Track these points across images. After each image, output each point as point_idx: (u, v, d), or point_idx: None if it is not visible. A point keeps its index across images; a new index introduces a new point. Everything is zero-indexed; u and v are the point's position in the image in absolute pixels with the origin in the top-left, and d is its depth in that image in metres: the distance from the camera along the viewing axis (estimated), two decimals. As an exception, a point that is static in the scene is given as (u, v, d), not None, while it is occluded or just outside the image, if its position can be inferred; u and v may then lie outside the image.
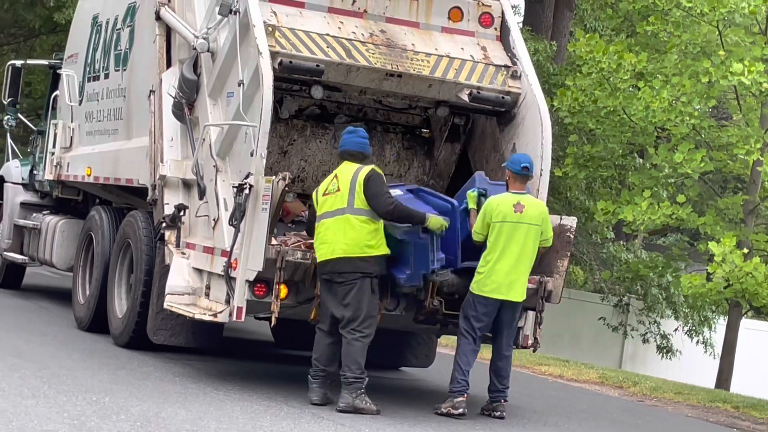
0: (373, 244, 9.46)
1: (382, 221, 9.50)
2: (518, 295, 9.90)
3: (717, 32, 18.97)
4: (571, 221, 10.51)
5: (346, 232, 9.46)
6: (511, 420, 10.15)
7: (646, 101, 18.27)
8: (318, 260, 9.56)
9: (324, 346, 9.64)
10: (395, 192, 9.83)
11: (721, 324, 25.25)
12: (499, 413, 10.04)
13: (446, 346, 14.53)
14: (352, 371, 9.36)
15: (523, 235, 9.90)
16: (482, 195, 10.16)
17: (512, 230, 9.89)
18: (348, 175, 9.60)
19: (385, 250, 9.50)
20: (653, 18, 19.41)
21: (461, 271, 9.99)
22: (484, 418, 10.05)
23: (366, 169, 9.57)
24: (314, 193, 9.85)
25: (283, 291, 9.68)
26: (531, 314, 10.55)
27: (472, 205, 10.07)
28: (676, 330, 27.25)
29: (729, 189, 29.07)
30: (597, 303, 27.52)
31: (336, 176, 9.70)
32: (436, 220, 9.50)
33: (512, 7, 12.35)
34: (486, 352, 10.35)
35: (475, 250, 9.99)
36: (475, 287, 9.87)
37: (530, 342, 10.66)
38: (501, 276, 9.82)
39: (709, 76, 17.76)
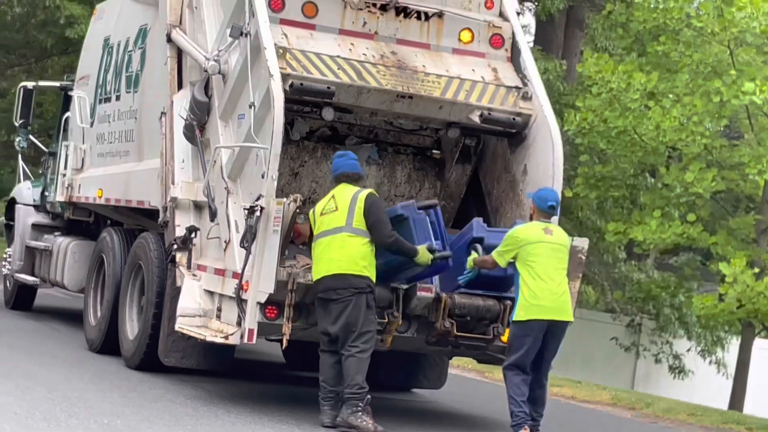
0: (367, 263, 9.48)
1: None
2: (567, 314, 9.79)
3: (728, 52, 18.96)
4: (582, 243, 10.49)
5: (342, 250, 9.48)
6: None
7: (656, 121, 18.26)
8: (314, 278, 9.56)
9: (328, 366, 9.61)
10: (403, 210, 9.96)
11: (734, 344, 25.18)
12: None
13: (458, 367, 14.48)
14: (349, 387, 9.34)
15: (558, 256, 9.86)
16: (477, 242, 10.18)
17: (548, 251, 9.80)
18: (347, 195, 9.64)
19: (373, 275, 9.52)
20: (664, 38, 19.41)
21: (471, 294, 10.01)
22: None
23: (365, 191, 9.65)
24: (311, 213, 9.87)
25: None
26: (542, 335, 10.50)
27: (470, 265, 10.09)
28: (688, 350, 27.17)
29: (741, 208, 28.98)
30: (609, 323, 27.45)
31: (333, 197, 9.74)
32: (424, 254, 9.53)
33: (523, 26, 12.37)
34: (488, 370, 10.29)
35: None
36: (521, 314, 9.67)
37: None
38: (547, 297, 9.68)
39: (721, 95, 17.74)
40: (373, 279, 9.50)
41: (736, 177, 19.20)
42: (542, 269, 9.72)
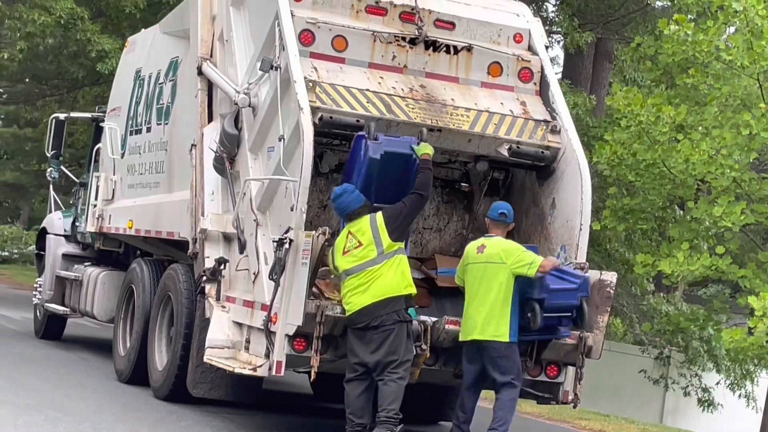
0: (408, 282, 9.62)
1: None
2: (490, 334, 9.82)
3: (758, 84, 18.91)
4: (611, 277, 10.47)
5: (382, 280, 9.54)
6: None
7: (685, 154, 18.22)
8: (350, 312, 9.57)
9: (354, 397, 9.62)
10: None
11: (763, 377, 25.02)
12: None
13: (485, 399, 14.45)
14: (386, 411, 9.38)
15: (484, 274, 9.94)
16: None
17: (475, 271, 10.01)
18: (365, 226, 9.72)
19: (414, 289, 9.66)
20: (693, 70, 19.37)
21: None
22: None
23: (377, 214, 9.76)
24: (330, 255, 9.83)
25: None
26: (571, 370, 10.52)
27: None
28: (717, 383, 26.99)
29: (771, 241, 28.85)
30: (637, 355, 27.32)
31: (350, 233, 9.78)
32: (424, 146, 9.92)
33: (551, 59, 12.39)
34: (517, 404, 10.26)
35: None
36: (460, 336, 9.96)
37: (570, 398, 10.61)
38: (472, 317, 9.89)
39: (750, 128, 17.69)
40: (414, 293, 9.65)
41: (765, 210, 19.10)
42: (468, 290, 10.01)
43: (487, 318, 9.82)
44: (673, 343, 26.38)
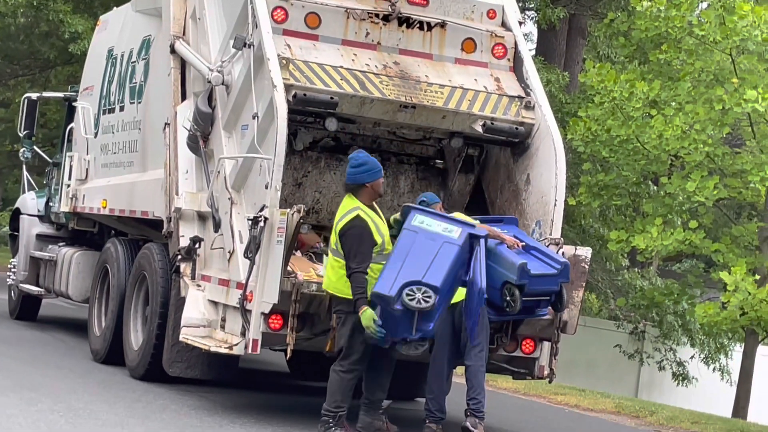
0: (347, 289, 9.29)
1: None
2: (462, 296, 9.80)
3: (730, 60, 18.97)
4: (585, 252, 10.52)
5: (329, 270, 9.49)
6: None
7: (659, 129, 18.28)
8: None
9: (365, 377, 9.65)
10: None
11: (737, 351, 25.15)
12: None
13: (462, 375, 14.48)
14: (327, 403, 9.35)
15: None
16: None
17: None
18: (339, 214, 9.51)
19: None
20: (666, 46, 19.43)
21: None
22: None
23: (348, 218, 9.31)
24: (375, 230, 9.58)
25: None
26: (546, 345, 10.57)
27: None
28: (692, 357, 27.14)
29: (744, 216, 28.99)
30: (612, 330, 27.44)
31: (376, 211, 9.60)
32: (366, 318, 9.04)
33: (524, 35, 12.40)
34: (492, 378, 10.32)
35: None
36: None
37: (546, 373, 10.65)
38: None
39: (723, 103, 17.76)
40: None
41: (738, 185, 19.20)
42: None
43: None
44: (648, 317, 26.52)
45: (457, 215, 9.77)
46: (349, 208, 9.41)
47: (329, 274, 9.45)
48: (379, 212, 9.55)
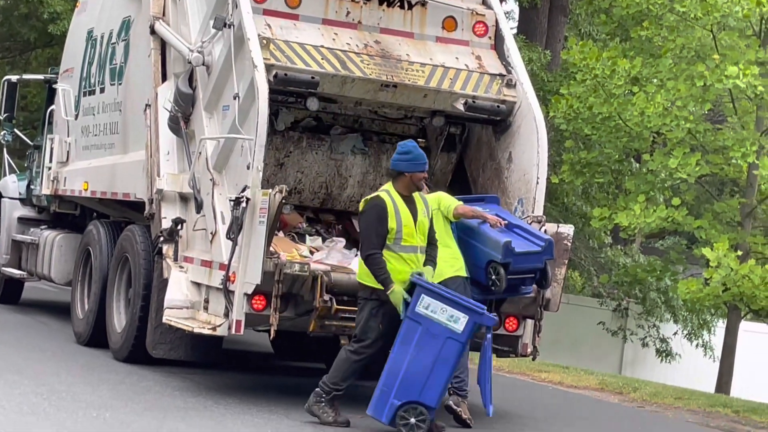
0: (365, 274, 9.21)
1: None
2: (453, 272, 9.90)
3: (711, 36, 19.02)
4: (568, 229, 10.53)
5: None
6: (512, 428, 10.14)
7: (641, 106, 18.31)
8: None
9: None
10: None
11: (720, 327, 25.27)
12: None
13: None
14: (327, 377, 9.32)
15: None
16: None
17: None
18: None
19: (378, 285, 9.14)
20: (647, 23, 19.45)
21: None
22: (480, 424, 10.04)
23: (367, 198, 9.34)
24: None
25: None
26: (530, 323, 10.58)
27: None
28: (675, 334, 27.26)
29: (726, 192, 29.08)
30: (596, 308, 27.52)
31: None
32: (396, 295, 9.01)
33: (506, 13, 12.37)
34: (473, 357, 10.31)
35: None
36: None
37: (529, 350, 10.67)
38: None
39: (704, 79, 17.80)
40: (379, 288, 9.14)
41: (720, 161, 19.27)
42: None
43: (440, 260, 9.78)
44: (631, 294, 26.61)
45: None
46: (382, 188, 9.39)
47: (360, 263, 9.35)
48: (419, 203, 9.31)
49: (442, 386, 9.04)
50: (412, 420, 8.94)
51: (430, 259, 9.33)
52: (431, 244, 9.37)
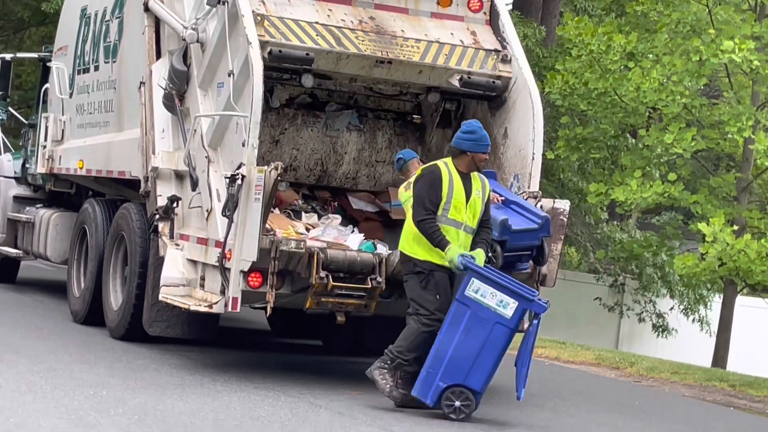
0: (416, 245, 9.15)
1: None
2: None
3: (707, 10, 18.99)
4: (564, 204, 10.53)
5: (405, 225, 9.37)
6: (509, 403, 10.16)
7: (636, 82, 18.29)
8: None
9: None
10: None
11: (716, 302, 25.31)
12: None
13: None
14: (393, 345, 9.26)
15: (406, 208, 9.91)
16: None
17: (407, 206, 9.85)
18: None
19: (428, 256, 9.11)
20: (642, -3, 19.41)
21: None
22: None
23: (425, 167, 9.36)
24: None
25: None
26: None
27: None
28: (671, 309, 27.31)
29: (722, 167, 29.08)
30: (592, 283, 27.56)
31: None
32: (452, 252, 8.98)
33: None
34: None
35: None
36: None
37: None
38: None
39: (700, 54, 17.78)
40: (429, 259, 9.12)
41: (716, 136, 19.27)
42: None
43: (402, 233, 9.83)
44: (627, 270, 26.64)
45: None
46: (441, 160, 9.37)
47: (404, 229, 9.33)
48: (476, 183, 9.27)
49: (489, 371, 9.02)
50: (457, 403, 8.95)
51: (482, 242, 9.29)
52: (483, 226, 9.34)
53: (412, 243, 9.21)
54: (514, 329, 9.01)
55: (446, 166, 9.23)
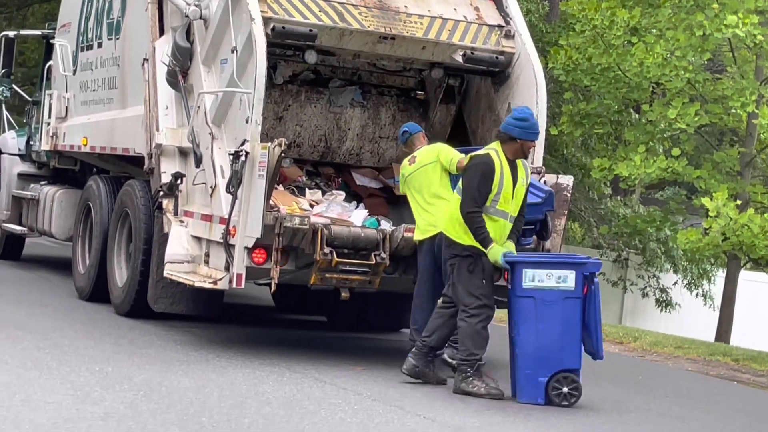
0: (463, 230, 9.09)
1: None
2: (419, 233, 9.90)
3: (710, -15, 18.91)
4: (567, 180, 10.53)
5: (447, 208, 9.34)
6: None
7: (640, 57, 18.26)
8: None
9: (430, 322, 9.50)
10: None
11: (720, 276, 25.34)
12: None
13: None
14: (460, 353, 9.18)
15: (418, 181, 9.97)
16: None
17: (411, 181, 10.01)
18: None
19: (474, 242, 9.05)
20: (646, -28, 19.35)
21: None
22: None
23: (478, 152, 9.26)
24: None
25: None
26: (529, 274, 10.57)
27: None
28: (675, 283, 27.34)
29: (725, 142, 29.05)
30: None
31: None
32: (493, 253, 8.98)
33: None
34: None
35: None
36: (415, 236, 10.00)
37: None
38: (424, 218, 9.91)
39: (704, 29, 17.73)
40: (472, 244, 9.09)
41: (719, 111, 19.24)
42: (411, 200, 10.02)
43: (421, 218, 9.89)
44: (631, 245, 26.65)
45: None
46: (490, 147, 9.28)
47: (448, 214, 9.28)
48: (521, 170, 9.22)
49: (578, 345, 9.05)
50: (565, 389, 9.00)
51: (514, 232, 9.29)
52: (519, 215, 9.33)
53: (458, 228, 9.12)
54: (582, 296, 9.05)
55: (497, 155, 9.11)
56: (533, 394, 8.96)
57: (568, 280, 8.97)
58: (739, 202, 17.80)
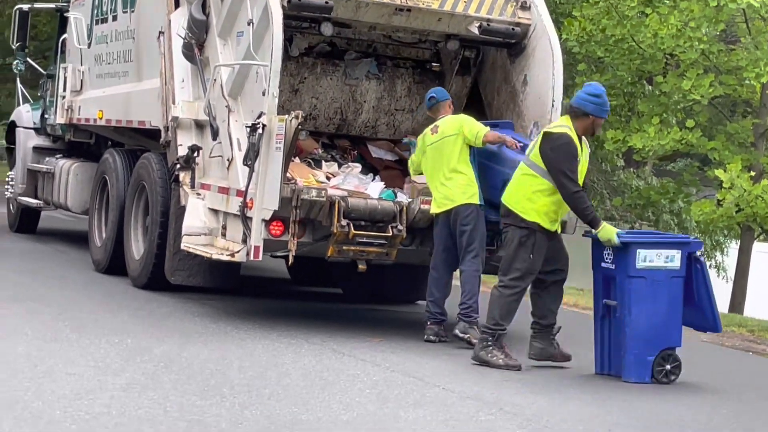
0: (529, 206, 9.08)
1: (548, 184, 9.04)
2: (435, 206, 9.99)
3: (724, -45, 18.81)
4: (582, 152, 10.51)
5: (516, 181, 9.27)
6: (525, 351, 10.22)
7: (654, 28, 18.21)
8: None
9: (533, 301, 9.57)
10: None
11: (733, 248, 25.32)
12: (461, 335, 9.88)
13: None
14: (486, 320, 9.24)
15: (438, 152, 10.03)
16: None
17: (430, 152, 10.09)
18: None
19: (538, 218, 9.08)
20: (660, -58, 19.25)
21: None
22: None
23: (560, 130, 9.08)
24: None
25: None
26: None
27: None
28: (688, 255, 27.30)
29: (738, 113, 28.96)
30: (609, 230, 27.54)
31: None
32: (606, 232, 9.13)
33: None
34: (491, 280, 10.38)
35: None
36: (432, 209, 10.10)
37: None
38: (433, 193, 10.05)
39: (718, 0, 17.67)
40: (536, 221, 9.13)
41: (733, 82, 19.17)
42: (427, 171, 10.16)
43: (439, 191, 9.96)
44: (644, 217, 26.59)
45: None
46: (561, 123, 9.28)
47: (514, 186, 9.22)
48: (585, 145, 9.25)
49: (680, 322, 9.29)
50: (668, 366, 9.21)
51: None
52: (584, 188, 9.36)
53: (524, 201, 9.09)
54: (685, 276, 9.24)
55: (572, 131, 9.07)
56: (641, 374, 9.14)
57: (674, 259, 9.19)
58: (752, 173, 17.76)
